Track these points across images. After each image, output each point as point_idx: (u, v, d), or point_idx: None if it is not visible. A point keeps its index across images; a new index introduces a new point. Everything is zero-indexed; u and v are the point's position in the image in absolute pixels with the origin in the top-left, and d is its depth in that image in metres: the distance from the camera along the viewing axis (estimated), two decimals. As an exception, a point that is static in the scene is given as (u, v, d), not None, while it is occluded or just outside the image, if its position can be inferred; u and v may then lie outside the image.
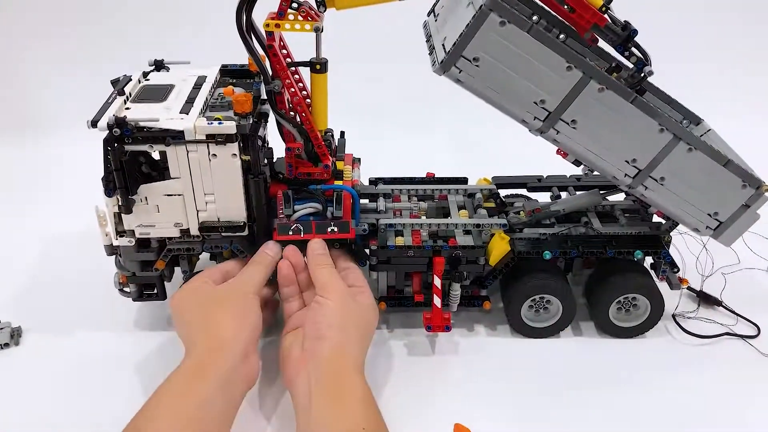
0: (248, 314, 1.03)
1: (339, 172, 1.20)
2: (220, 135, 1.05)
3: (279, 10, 1.04)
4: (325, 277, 1.07)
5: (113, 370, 1.14)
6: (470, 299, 1.24)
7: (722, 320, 1.27)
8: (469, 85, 1.01)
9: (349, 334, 1.02)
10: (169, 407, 0.90)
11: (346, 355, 1.00)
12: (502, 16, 0.96)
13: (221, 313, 1.02)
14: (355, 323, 1.04)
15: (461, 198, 1.32)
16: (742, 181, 1.09)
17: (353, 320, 1.04)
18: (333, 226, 1.13)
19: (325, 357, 0.98)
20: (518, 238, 1.20)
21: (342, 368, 0.98)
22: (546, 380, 1.14)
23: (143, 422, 0.89)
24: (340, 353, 0.99)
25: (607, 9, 1.03)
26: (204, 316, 1.02)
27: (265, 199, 1.14)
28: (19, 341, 1.20)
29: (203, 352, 0.97)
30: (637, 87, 1.08)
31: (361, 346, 1.04)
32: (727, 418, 1.07)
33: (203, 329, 1.01)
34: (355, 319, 1.04)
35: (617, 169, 1.08)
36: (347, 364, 0.98)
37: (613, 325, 1.22)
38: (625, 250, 1.18)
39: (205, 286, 1.07)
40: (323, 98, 1.12)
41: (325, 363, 0.97)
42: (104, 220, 1.13)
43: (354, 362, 1.00)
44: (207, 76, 1.19)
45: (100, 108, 1.07)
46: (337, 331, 1.01)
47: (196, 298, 1.06)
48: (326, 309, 1.03)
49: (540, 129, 1.05)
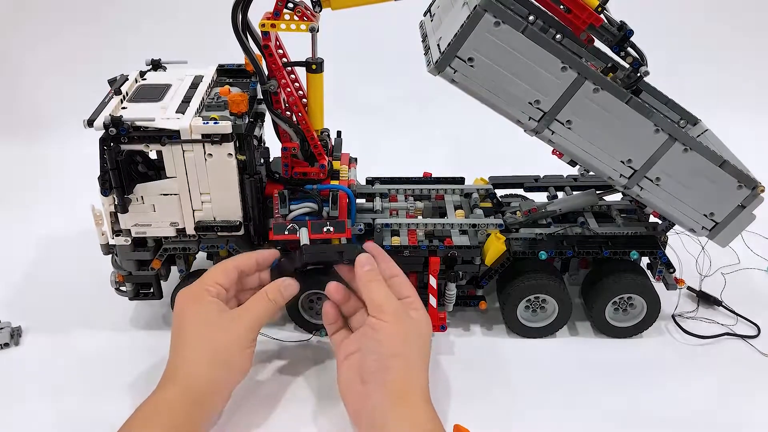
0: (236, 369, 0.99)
1: (335, 172, 1.20)
2: (216, 135, 1.05)
3: (275, 10, 1.05)
4: (379, 296, 0.99)
5: (112, 369, 1.15)
6: (466, 299, 1.24)
7: (722, 320, 1.27)
8: (464, 85, 1.02)
9: (412, 360, 0.96)
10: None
11: (412, 384, 0.95)
12: (496, 16, 0.96)
13: (209, 355, 0.97)
14: (416, 345, 0.98)
15: (458, 198, 1.32)
16: (737, 181, 1.09)
17: (413, 342, 0.97)
18: (329, 226, 1.13)
19: (393, 390, 0.93)
20: (514, 238, 1.20)
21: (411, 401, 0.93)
22: (543, 380, 1.14)
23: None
24: (407, 383, 0.94)
25: (603, 9, 1.03)
26: (194, 343, 0.98)
27: (261, 198, 1.15)
28: (19, 341, 1.21)
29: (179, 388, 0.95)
30: (632, 87, 1.08)
31: (423, 368, 0.98)
32: (727, 418, 1.07)
33: (186, 357, 0.97)
34: (414, 339, 0.98)
35: (612, 169, 1.08)
36: (415, 394, 0.94)
37: (610, 325, 1.22)
38: (621, 251, 1.18)
39: (211, 307, 1.00)
40: (319, 98, 1.12)
41: (393, 397, 0.92)
42: (100, 219, 1.13)
43: (421, 391, 0.95)
44: (204, 76, 1.20)
45: (96, 107, 1.07)
46: (400, 360, 0.95)
47: (196, 316, 1.00)
48: (384, 335, 0.96)
49: (535, 129, 1.05)
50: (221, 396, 0.99)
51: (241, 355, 0.99)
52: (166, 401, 0.93)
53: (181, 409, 0.93)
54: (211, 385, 0.96)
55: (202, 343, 0.98)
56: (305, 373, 1.15)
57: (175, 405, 0.93)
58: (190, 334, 0.99)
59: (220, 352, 0.97)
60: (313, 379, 1.13)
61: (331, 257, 1.06)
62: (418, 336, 0.99)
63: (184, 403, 0.93)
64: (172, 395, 0.94)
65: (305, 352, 1.19)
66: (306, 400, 1.09)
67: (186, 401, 0.93)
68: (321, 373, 1.15)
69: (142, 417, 0.92)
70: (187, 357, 0.97)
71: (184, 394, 0.94)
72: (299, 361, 1.17)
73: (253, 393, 1.10)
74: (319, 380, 1.13)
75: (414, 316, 1.00)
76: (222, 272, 1.04)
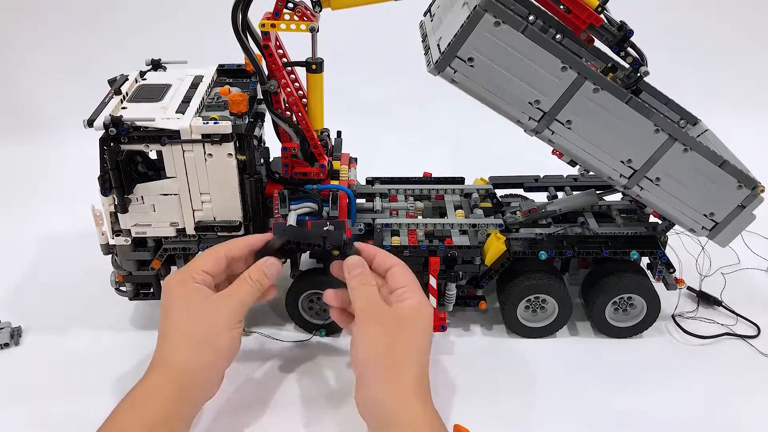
0: (223, 352, 0.97)
1: (335, 172, 1.20)
2: (216, 135, 1.05)
3: (275, 10, 1.05)
4: (361, 303, 0.97)
5: (112, 369, 1.15)
6: (466, 299, 1.24)
7: (722, 320, 1.27)
8: (464, 85, 1.02)
9: (401, 364, 0.93)
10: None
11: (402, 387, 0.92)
12: (496, 16, 0.96)
13: (194, 339, 0.96)
14: (405, 349, 0.94)
15: (458, 198, 1.32)
16: (737, 181, 1.09)
17: (402, 347, 0.94)
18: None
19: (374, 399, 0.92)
20: (514, 238, 1.20)
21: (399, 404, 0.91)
22: (543, 380, 1.14)
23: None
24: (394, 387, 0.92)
25: (603, 9, 1.03)
26: (179, 328, 0.97)
27: (261, 198, 1.15)
28: (19, 341, 1.21)
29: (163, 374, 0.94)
30: (632, 87, 1.08)
31: (415, 365, 0.94)
32: (727, 418, 1.07)
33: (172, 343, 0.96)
34: (403, 344, 0.95)
35: (612, 169, 1.08)
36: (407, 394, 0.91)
37: (610, 325, 1.22)
38: (621, 251, 1.18)
39: (194, 293, 0.98)
40: (319, 98, 1.12)
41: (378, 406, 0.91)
42: (100, 219, 1.13)
43: (413, 390, 0.92)
44: (204, 76, 1.20)
45: (96, 107, 1.07)
46: (380, 364, 0.93)
47: (181, 301, 0.98)
48: (367, 345, 0.95)
49: (535, 129, 1.05)
50: (210, 380, 0.98)
51: (227, 336, 0.97)
52: (155, 388, 0.92)
53: (170, 395, 0.92)
54: (198, 369, 0.95)
55: (187, 328, 0.96)
56: (305, 373, 1.14)
57: (164, 392, 0.92)
58: (174, 321, 0.98)
59: (206, 336, 0.96)
60: (313, 379, 1.13)
61: (313, 239, 1.03)
62: (410, 339, 0.96)
63: (173, 390, 0.92)
64: (160, 382, 0.93)
65: (305, 352, 1.19)
66: (306, 400, 1.09)
67: (174, 388, 0.92)
68: (321, 373, 1.14)
69: (130, 404, 0.92)
70: (172, 343, 0.96)
71: (173, 381, 0.93)
72: (299, 361, 1.17)
73: (252, 393, 1.10)
74: (319, 380, 1.13)
75: (405, 307, 0.97)
76: (210, 259, 1.01)
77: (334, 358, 1.17)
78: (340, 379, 1.13)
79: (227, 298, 0.99)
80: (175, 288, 1.00)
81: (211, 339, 0.96)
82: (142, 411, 0.90)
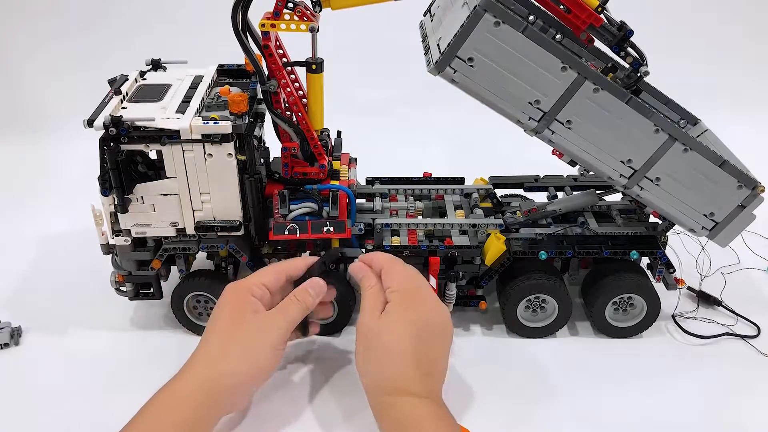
0: (261, 367, 0.99)
1: (335, 172, 1.20)
2: (216, 135, 1.05)
3: (275, 10, 1.05)
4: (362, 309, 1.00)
5: (111, 369, 1.15)
6: (466, 299, 1.24)
7: (722, 320, 1.27)
8: (464, 85, 1.02)
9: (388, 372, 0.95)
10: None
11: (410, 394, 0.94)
12: (496, 16, 0.96)
13: (234, 350, 0.97)
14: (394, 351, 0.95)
15: (458, 198, 1.32)
16: (737, 181, 1.09)
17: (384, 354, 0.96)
18: (329, 226, 1.13)
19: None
20: (514, 238, 1.20)
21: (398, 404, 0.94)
22: (543, 380, 1.14)
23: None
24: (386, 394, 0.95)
25: (603, 9, 1.03)
26: (221, 338, 0.98)
27: (261, 198, 1.15)
28: (19, 341, 1.21)
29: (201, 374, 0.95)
30: (632, 87, 1.08)
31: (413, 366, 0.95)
32: (727, 418, 1.07)
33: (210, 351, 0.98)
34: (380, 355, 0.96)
35: (612, 169, 1.08)
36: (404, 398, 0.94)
37: (610, 325, 1.22)
38: (621, 251, 1.18)
39: (247, 306, 1.00)
40: (319, 98, 1.12)
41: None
42: (100, 219, 1.13)
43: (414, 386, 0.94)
44: (204, 76, 1.20)
45: (96, 107, 1.07)
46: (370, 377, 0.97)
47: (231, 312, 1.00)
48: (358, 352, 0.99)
49: (535, 129, 1.05)
50: (240, 393, 0.98)
51: (269, 353, 0.98)
52: (188, 393, 0.93)
53: (201, 402, 0.93)
54: (229, 378, 0.95)
55: (229, 339, 0.98)
56: (305, 373, 1.15)
57: (195, 398, 0.93)
58: (219, 329, 0.99)
59: (248, 351, 0.97)
60: (312, 379, 1.13)
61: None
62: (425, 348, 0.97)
63: (204, 398, 0.93)
64: (192, 388, 0.93)
65: (305, 352, 1.19)
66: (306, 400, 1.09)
67: (205, 396, 0.93)
68: (321, 373, 1.14)
69: (160, 406, 0.92)
70: (210, 350, 0.97)
71: (206, 390, 0.93)
72: (299, 361, 1.17)
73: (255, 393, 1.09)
74: (320, 380, 1.13)
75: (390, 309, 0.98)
76: (271, 274, 1.04)
77: (335, 358, 1.18)
78: (339, 377, 1.13)
79: (276, 317, 1.01)
80: (230, 297, 1.02)
81: (253, 354, 0.97)
82: (173, 415, 0.91)
